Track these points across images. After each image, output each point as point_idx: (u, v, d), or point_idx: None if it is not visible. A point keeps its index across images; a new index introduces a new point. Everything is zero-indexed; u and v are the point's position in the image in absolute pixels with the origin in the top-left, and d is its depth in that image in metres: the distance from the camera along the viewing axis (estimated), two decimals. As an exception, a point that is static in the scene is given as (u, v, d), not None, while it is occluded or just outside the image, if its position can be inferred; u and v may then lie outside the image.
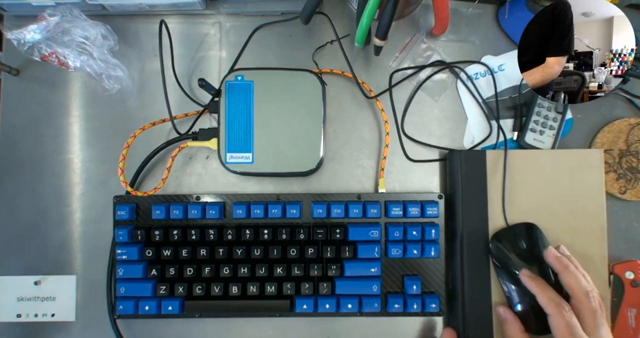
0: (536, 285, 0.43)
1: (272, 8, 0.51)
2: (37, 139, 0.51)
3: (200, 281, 0.47)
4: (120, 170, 0.47)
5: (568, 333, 0.39)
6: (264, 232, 0.47)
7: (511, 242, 0.46)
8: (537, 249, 0.45)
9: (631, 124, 0.51)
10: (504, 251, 0.45)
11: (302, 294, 0.47)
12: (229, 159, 0.48)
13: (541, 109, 0.50)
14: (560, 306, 0.40)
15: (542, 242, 0.46)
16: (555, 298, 0.41)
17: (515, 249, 0.45)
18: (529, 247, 0.45)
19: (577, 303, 0.41)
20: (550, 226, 0.47)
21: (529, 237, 0.46)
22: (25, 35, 0.45)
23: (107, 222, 0.50)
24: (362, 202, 0.48)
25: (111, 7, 0.49)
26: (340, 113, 0.52)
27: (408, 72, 0.52)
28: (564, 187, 0.48)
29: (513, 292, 0.45)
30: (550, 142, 0.50)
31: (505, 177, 0.47)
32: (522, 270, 0.44)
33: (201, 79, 0.45)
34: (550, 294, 0.42)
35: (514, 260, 0.45)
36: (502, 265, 0.45)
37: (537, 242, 0.45)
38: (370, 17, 0.44)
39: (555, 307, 0.41)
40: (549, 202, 0.47)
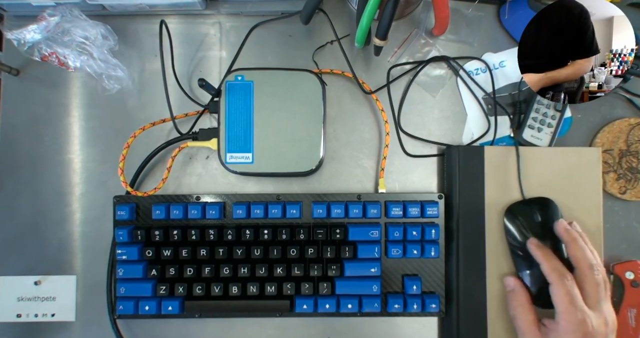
0: (542, 254, 0.43)
1: (272, 8, 0.51)
2: (37, 139, 0.51)
3: (200, 281, 0.47)
4: (120, 170, 0.47)
5: (568, 302, 0.39)
6: (264, 232, 0.47)
7: (526, 215, 0.46)
8: (551, 223, 0.45)
9: (631, 124, 0.51)
10: (517, 224, 0.46)
11: (302, 294, 0.47)
12: (229, 159, 0.48)
13: (540, 106, 0.50)
14: (563, 276, 0.40)
15: (556, 216, 0.46)
16: (560, 268, 0.41)
17: (530, 222, 0.45)
18: (543, 220, 0.45)
19: (580, 274, 0.41)
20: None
21: (543, 211, 0.46)
22: (25, 35, 0.45)
23: (107, 222, 0.50)
24: (362, 202, 0.48)
25: (111, 7, 0.49)
26: (340, 113, 0.52)
27: (406, 67, 0.52)
28: (561, 185, 0.48)
29: (524, 268, 0.45)
30: (548, 139, 0.50)
31: (519, 154, 0.47)
32: (530, 238, 0.44)
33: (201, 79, 0.45)
34: (554, 263, 0.41)
35: (528, 233, 0.45)
36: (515, 240, 0.46)
37: (552, 216, 0.45)
38: (370, 17, 0.44)
39: (558, 276, 0.40)
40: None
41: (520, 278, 0.45)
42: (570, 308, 0.39)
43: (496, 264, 0.47)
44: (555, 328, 0.40)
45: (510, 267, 0.47)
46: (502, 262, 0.47)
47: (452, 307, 0.47)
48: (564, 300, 0.39)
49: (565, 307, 0.39)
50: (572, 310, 0.39)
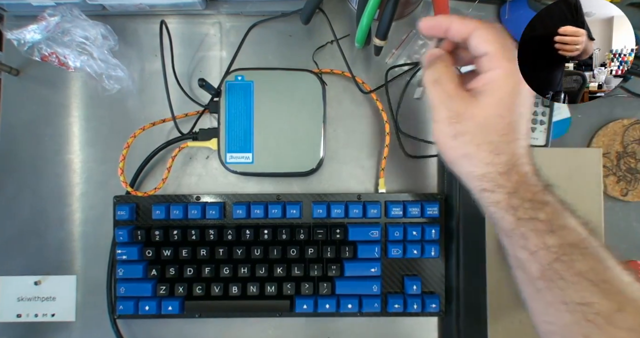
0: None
1: (272, 8, 0.51)
2: (37, 139, 0.51)
3: (200, 281, 0.47)
4: (121, 170, 0.47)
5: (500, 43, 0.31)
6: (264, 232, 0.47)
7: None
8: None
9: (625, 125, 0.51)
10: None
11: (302, 294, 0.47)
12: (229, 159, 0.48)
13: None
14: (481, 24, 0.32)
15: None
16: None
17: None
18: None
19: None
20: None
21: None
22: (25, 35, 0.45)
23: (107, 222, 0.50)
24: (362, 202, 0.48)
25: (111, 7, 0.49)
26: (340, 113, 0.52)
27: (405, 68, 0.52)
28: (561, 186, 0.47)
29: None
30: (544, 137, 0.50)
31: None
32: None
33: (201, 79, 0.45)
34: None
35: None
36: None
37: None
38: (370, 17, 0.43)
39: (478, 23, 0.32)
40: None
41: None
42: (504, 48, 0.31)
43: (496, 264, 0.47)
44: (491, 80, 0.31)
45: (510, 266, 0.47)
46: (502, 262, 0.47)
47: (452, 307, 0.47)
48: (495, 41, 0.31)
49: (499, 48, 0.31)
50: (508, 50, 0.31)
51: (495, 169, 0.31)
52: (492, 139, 0.31)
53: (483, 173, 0.32)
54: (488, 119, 0.31)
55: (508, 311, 0.46)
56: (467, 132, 0.31)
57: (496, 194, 0.32)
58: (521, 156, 0.32)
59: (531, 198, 0.32)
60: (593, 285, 0.29)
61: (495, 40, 0.31)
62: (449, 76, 0.32)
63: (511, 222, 0.32)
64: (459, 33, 0.32)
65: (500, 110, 0.31)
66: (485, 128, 0.31)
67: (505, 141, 0.31)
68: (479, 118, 0.31)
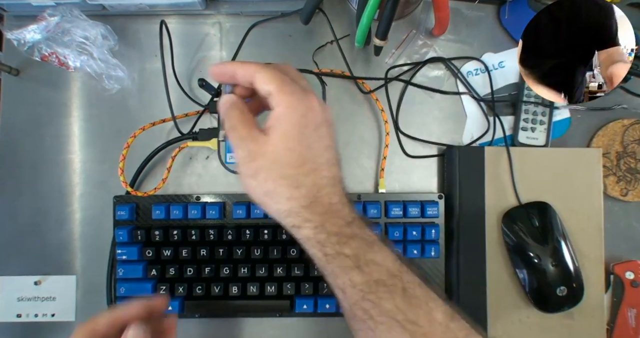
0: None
1: (272, 8, 0.51)
2: (37, 138, 0.51)
3: (200, 281, 0.47)
4: (121, 170, 0.47)
5: (280, 80, 0.31)
6: (264, 232, 0.47)
7: (523, 220, 0.46)
8: (549, 227, 0.46)
9: (625, 124, 0.51)
10: (515, 229, 0.46)
11: (302, 294, 0.47)
12: (229, 159, 0.48)
13: (528, 106, 0.50)
14: (266, 66, 0.32)
15: (554, 220, 0.46)
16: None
17: (528, 227, 0.46)
18: (541, 225, 0.46)
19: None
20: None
21: (541, 216, 0.46)
22: (25, 35, 0.45)
23: (107, 222, 0.49)
24: (362, 202, 0.48)
25: (111, 7, 0.49)
26: (340, 113, 0.52)
27: (404, 68, 0.52)
28: (561, 186, 0.48)
29: (522, 267, 0.46)
30: (544, 137, 0.50)
31: (511, 156, 0.47)
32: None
33: (201, 79, 0.45)
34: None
35: (526, 238, 0.45)
36: (513, 244, 0.46)
37: (550, 221, 0.46)
38: (370, 17, 0.44)
39: (259, 65, 0.32)
40: (546, 200, 0.47)
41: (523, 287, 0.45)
42: (284, 84, 0.31)
43: (496, 264, 0.47)
44: (276, 116, 0.31)
45: (510, 267, 0.47)
46: (502, 262, 0.47)
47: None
48: (274, 79, 0.31)
49: (278, 85, 0.31)
50: (288, 85, 0.31)
51: (298, 203, 0.31)
52: (288, 173, 0.31)
53: (287, 209, 0.31)
54: (278, 154, 0.31)
55: (508, 311, 0.47)
56: (262, 168, 0.31)
57: (304, 229, 0.31)
58: (323, 187, 0.31)
59: (337, 232, 0.30)
60: (400, 326, 0.29)
61: (273, 79, 0.31)
62: (242, 121, 0.32)
63: (320, 258, 0.31)
64: (244, 78, 0.32)
65: (289, 143, 0.30)
66: (278, 163, 0.31)
67: (302, 173, 0.31)
68: (270, 154, 0.31)
